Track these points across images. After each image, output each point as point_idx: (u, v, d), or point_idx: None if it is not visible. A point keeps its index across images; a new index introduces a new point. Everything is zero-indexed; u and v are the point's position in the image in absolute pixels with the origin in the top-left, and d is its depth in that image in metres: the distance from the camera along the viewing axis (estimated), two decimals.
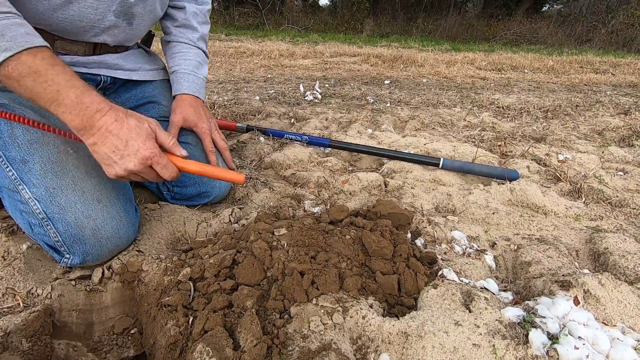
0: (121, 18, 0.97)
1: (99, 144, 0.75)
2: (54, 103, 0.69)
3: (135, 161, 0.76)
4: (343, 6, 11.34)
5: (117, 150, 0.75)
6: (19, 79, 0.66)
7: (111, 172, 0.79)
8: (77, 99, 0.70)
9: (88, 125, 0.72)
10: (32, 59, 0.66)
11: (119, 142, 0.74)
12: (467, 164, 1.50)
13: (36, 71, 0.66)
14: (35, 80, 0.66)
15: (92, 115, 0.72)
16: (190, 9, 1.18)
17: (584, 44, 9.31)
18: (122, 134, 0.75)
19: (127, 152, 0.75)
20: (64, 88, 0.69)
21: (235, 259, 0.84)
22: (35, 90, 0.67)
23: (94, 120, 0.72)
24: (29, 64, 0.65)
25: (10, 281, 0.82)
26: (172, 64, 1.18)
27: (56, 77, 0.68)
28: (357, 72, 4.35)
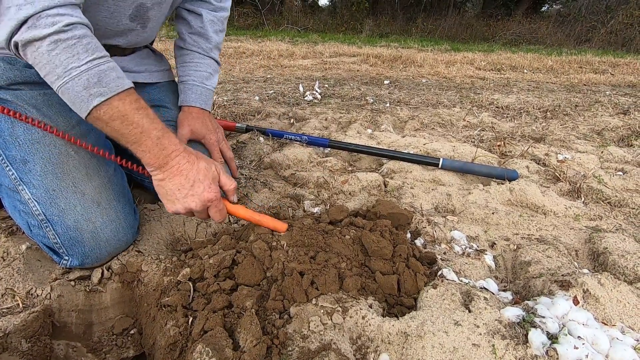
0: (136, 22, 0.97)
1: (167, 180, 0.79)
2: (136, 143, 0.75)
3: (198, 202, 0.80)
4: (342, 6, 11.35)
5: (183, 189, 0.79)
6: (108, 122, 0.72)
7: (171, 208, 0.82)
8: (157, 141, 0.76)
9: (163, 162, 0.78)
10: (122, 103, 0.72)
11: (186, 182, 0.79)
12: (466, 164, 1.50)
13: (124, 115, 0.72)
14: (122, 123, 0.72)
15: (168, 154, 0.78)
16: (207, 17, 1.15)
17: (583, 44, 9.31)
18: (191, 175, 0.79)
19: (192, 193, 0.80)
20: (147, 130, 0.75)
21: (235, 260, 0.84)
22: (122, 132, 0.73)
23: (168, 160, 0.78)
24: (120, 108, 0.72)
25: (10, 282, 0.82)
26: (182, 73, 1.17)
27: (141, 120, 0.74)
28: (357, 72, 4.35)
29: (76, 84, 0.69)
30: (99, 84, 0.70)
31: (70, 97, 0.71)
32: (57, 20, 0.66)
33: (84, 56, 0.69)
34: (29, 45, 0.67)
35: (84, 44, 0.69)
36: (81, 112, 0.72)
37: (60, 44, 0.67)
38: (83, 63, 0.69)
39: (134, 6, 0.93)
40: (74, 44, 0.68)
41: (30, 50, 0.67)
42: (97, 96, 0.70)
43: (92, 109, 0.71)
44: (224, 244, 0.90)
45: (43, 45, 0.66)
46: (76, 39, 0.68)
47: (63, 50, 0.67)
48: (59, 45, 0.67)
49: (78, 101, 0.71)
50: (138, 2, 0.93)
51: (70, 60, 0.68)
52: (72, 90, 0.70)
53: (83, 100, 0.70)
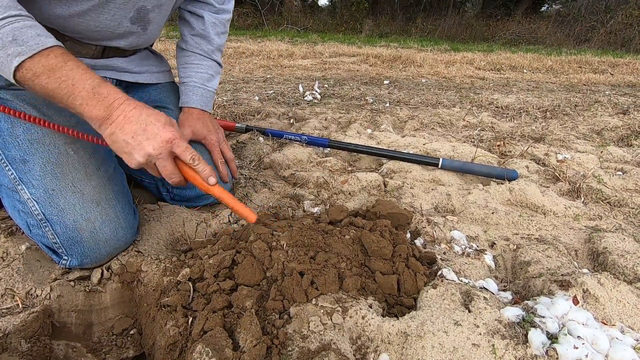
0: (136, 24, 0.97)
1: (117, 132, 0.73)
2: (71, 97, 0.69)
3: (155, 144, 0.74)
4: (342, 6, 11.35)
5: (136, 135, 0.73)
6: (33, 79, 0.67)
7: (132, 161, 0.76)
8: (93, 90, 0.70)
9: (106, 114, 0.72)
10: (45, 58, 0.66)
11: (138, 127, 0.73)
12: (466, 163, 1.50)
13: (50, 69, 0.67)
14: (49, 77, 0.67)
15: (110, 104, 0.72)
16: (209, 19, 1.15)
17: (583, 44, 9.32)
18: (141, 119, 0.74)
19: (147, 136, 0.74)
20: (79, 81, 0.69)
21: (234, 260, 0.83)
22: (50, 87, 0.68)
23: (112, 109, 0.72)
24: (43, 62, 0.66)
25: (9, 282, 0.82)
26: (183, 74, 1.17)
27: (70, 72, 0.69)
28: (356, 72, 4.35)
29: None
30: (14, 43, 0.65)
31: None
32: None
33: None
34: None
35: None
36: (8, 76, 0.68)
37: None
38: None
39: (134, 9, 0.93)
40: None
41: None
42: (15, 56, 0.65)
43: (14, 71, 0.66)
44: (224, 244, 0.90)
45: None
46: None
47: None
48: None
49: (1, 66, 0.66)
50: (139, 5, 0.93)
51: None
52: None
53: (3, 63, 0.65)
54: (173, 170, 0.80)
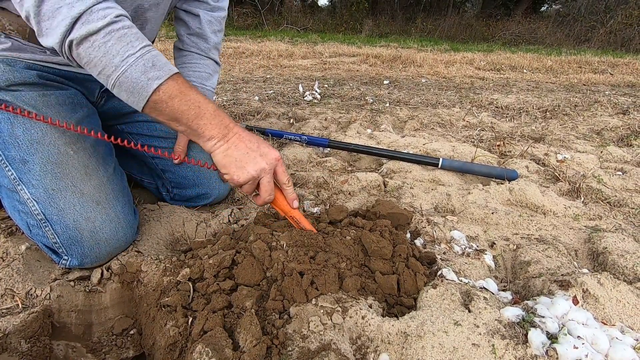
0: (135, 24, 0.97)
1: (233, 148, 0.80)
2: (197, 117, 0.77)
3: (268, 159, 0.81)
4: (342, 6, 11.35)
5: (251, 151, 0.80)
6: (168, 101, 0.73)
7: (242, 175, 0.80)
8: (215, 112, 0.78)
9: (225, 132, 0.79)
10: (177, 83, 0.74)
11: (252, 145, 0.81)
12: (466, 163, 1.50)
13: (182, 91, 0.74)
14: (181, 100, 0.74)
15: (228, 125, 0.80)
16: (205, 17, 1.15)
17: (583, 44, 9.32)
18: (253, 139, 0.82)
19: (260, 153, 0.81)
20: (204, 104, 0.77)
21: (234, 260, 0.83)
22: (182, 109, 0.75)
23: (229, 130, 0.80)
24: (176, 86, 0.74)
25: (9, 282, 0.82)
26: (181, 74, 1.17)
27: (196, 96, 0.76)
28: (356, 72, 4.35)
29: (135, 70, 0.70)
30: (154, 68, 0.72)
31: (129, 86, 0.72)
32: (108, 12, 0.68)
33: (137, 43, 0.71)
34: (85, 41, 0.68)
35: (133, 32, 0.72)
36: (140, 99, 0.73)
37: (114, 34, 0.69)
38: (137, 49, 0.71)
39: (132, 8, 0.93)
40: (125, 33, 0.70)
41: (86, 46, 0.68)
42: (155, 79, 0.72)
43: (152, 92, 0.72)
44: (224, 244, 0.90)
45: (99, 37, 0.68)
46: (127, 28, 0.71)
47: (118, 40, 0.69)
48: (113, 36, 0.68)
49: (137, 88, 0.72)
50: (136, 4, 0.93)
51: (126, 49, 0.70)
52: (132, 77, 0.71)
53: (143, 85, 0.71)
54: (273, 188, 0.85)
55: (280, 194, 0.87)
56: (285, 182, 0.86)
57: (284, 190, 0.87)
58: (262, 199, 0.85)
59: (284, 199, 0.88)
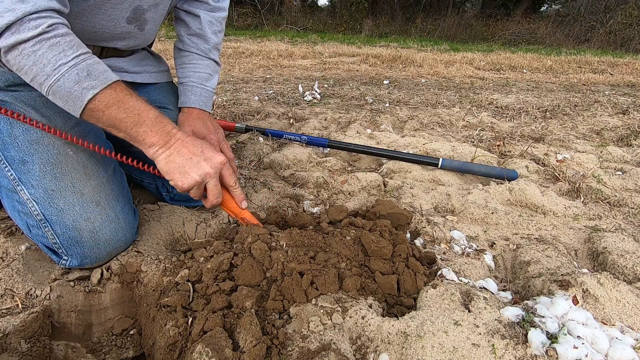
0: (133, 24, 0.97)
1: (175, 153, 0.80)
2: (136, 125, 0.77)
3: (212, 164, 0.82)
4: (342, 6, 11.34)
5: (194, 156, 0.81)
6: (105, 110, 0.73)
7: (186, 181, 0.81)
8: (156, 119, 0.79)
9: (167, 138, 0.80)
10: (114, 92, 0.74)
11: (196, 150, 0.82)
12: (466, 163, 1.50)
13: (119, 100, 0.74)
14: (119, 108, 0.74)
15: (170, 131, 0.80)
16: (205, 18, 1.14)
17: (582, 44, 9.32)
18: (197, 143, 0.83)
19: (204, 157, 0.82)
20: (144, 111, 0.77)
21: (232, 263, 0.83)
22: (119, 117, 0.75)
23: (171, 136, 0.80)
24: (113, 95, 0.74)
25: (9, 282, 0.82)
26: (181, 74, 1.17)
27: (135, 103, 0.76)
28: (356, 72, 4.35)
29: (67, 79, 0.70)
30: (89, 77, 0.71)
31: (63, 95, 0.71)
32: (40, 22, 0.67)
33: (70, 52, 0.70)
34: (13, 50, 0.67)
35: (67, 41, 0.70)
36: (75, 108, 0.72)
37: (44, 43, 0.67)
38: (70, 59, 0.70)
39: (130, 9, 0.93)
40: (57, 42, 0.69)
41: (14, 54, 0.67)
42: (90, 89, 0.71)
43: (87, 102, 0.71)
44: (217, 250, 0.89)
45: (27, 46, 0.67)
46: (60, 36, 0.69)
47: (49, 49, 0.68)
48: (43, 45, 0.67)
49: (72, 98, 0.71)
50: (135, 5, 0.93)
51: (58, 57, 0.69)
52: (64, 87, 0.70)
53: (77, 95, 0.71)
54: (220, 191, 0.86)
55: (230, 196, 0.89)
56: (232, 185, 0.88)
57: (232, 192, 0.89)
58: (210, 202, 0.86)
59: (233, 201, 0.89)
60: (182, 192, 0.84)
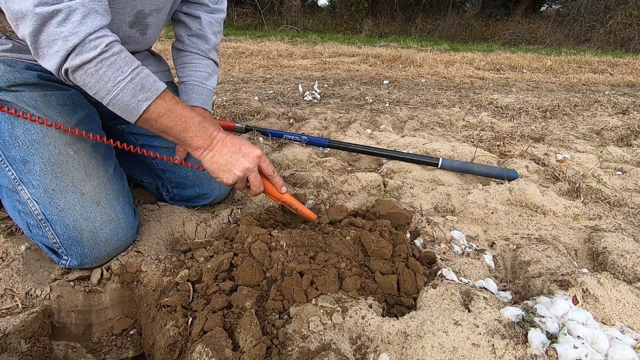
0: (135, 28, 0.98)
1: (217, 154, 0.88)
2: (184, 131, 0.84)
3: (250, 159, 0.89)
4: (342, 6, 11.34)
5: (234, 155, 0.88)
6: (157, 119, 0.81)
7: (230, 176, 0.89)
8: (200, 124, 0.86)
9: (209, 141, 0.88)
10: (164, 102, 0.81)
11: (235, 148, 0.89)
12: (466, 163, 1.50)
13: (169, 109, 0.82)
14: (169, 117, 0.82)
15: (211, 134, 0.88)
16: (205, 19, 1.16)
17: (582, 43, 9.32)
18: (235, 142, 0.90)
19: (243, 154, 0.89)
20: (189, 118, 0.85)
21: (232, 263, 0.83)
22: (169, 125, 0.83)
23: (213, 137, 0.88)
24: (163, 105, 0.81)
25: (9, 282, 0.82)
26: (182, 74, 1.18)
27: (182, 111, 0.84)
28: (356, 72, 4.35)
29: (125, 94, 0.77)
30: (142, 90, 0.79)
31: (121, 107, 0.79)
32: (99, 42, 0.74)
33: (126, 68, 0.77)
34: (79, 70, 0.74)
35: (122, 57, 0.77)
36: (132, 117, 0.80)
37: (104, 62, 0.75)
38: (127, 74, 0.77)
39: (133, 13, 0.93)
40: (115, 60, 0.76)
41: (80, 74, 0.75)
42: (144, 101, 0.79)
43: (142, 112, 0.79)
44: (217, 250, 0.89)
45: (91, 66, 0.74)
46: (116, 54, 0.76)
47: (108, 68, 0.75)
48: (104, 64, 0.75)
49: (129, 109, 0.79)
50: (137, 9, 0.93)
51: (117, 75, 0.76)
52: (123, 101, 0.78)
53: (133, 107, 0.79)
54: (260, 181, 0.93)
55: (270, 184, 0.97)
56: (270, 174, 0.96)
57: (272, 180, 0.97)
58: (253, 192, 0.94)
59: (273, 188, 0.98)
60: (228, 186, 0.94)
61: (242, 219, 0.98)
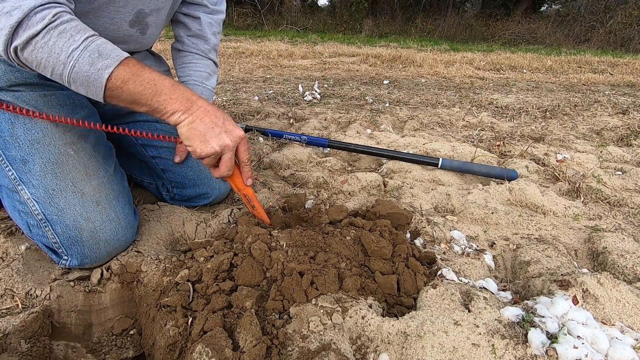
0: (135, 28, 0.98)
1: (198, 121, 0.80)
2: (155, 95, 0.77)
3: (232, 137, 0.83)
4: (342, 6, 11.34)
5: (216, 126, 0.81)
6: (122, 85, 0.74)
7: (205, 149, 0.81)
8: (172, 87, 0.79)
9: (188, 105, 0.80)
10: (128, 67, 0.75)
11: (218, 120, 0.81)
12: (466, 163, 1.50)
13: (135, 73, 0.75)
14: (135, 82, 0.75)
15: (189, 98, 0.80)
16: (205, 20, 1.17)
17: (582, 43, 9.32)
18: (219, 114, 0.82)
19: (225, 129, 0.82)
20: (159, 81, 0.77)
21: (232, 263, 0.83)
22: (137, 90, 0.76)
23: (192, 102, 0.80)
24: (127, 70, 0.74)
25: (9, 282, 0.82)
26: (182, 74, 1.18)
27: (150, 75, 0.77)
28: (356, 72, 4.35)
29: (82, 64, 0.71)
30: (101, 57, 0.72)
31: (83, 80, 0.72)
32: (45, 14, 0.68)
33: (78, 37, 0.71)
34: (27, 46, 0.69)
35: (73, 26, 0.71)
36: (97, 90, 0.74)
37: (53, 32, 0.69)
38: (80, 42, 0.71)
39: (133, 12, 0.93)
40: (64, 29, 0.70)
41: (29, 50, 0.69)
42: (104, 68, 0.72)
43: (105, 82, 0.73)
44: (217, 250, 0.89)
45: (39, 39, 0.68)
46: (65, 23, 0.70)
47: (58, 37, 0.69)
48: (52, 34, 0.69)
49: (91, 81, 0.72)
50: (137, 8, 0.94)
51: (69, 44, 0.70)
52: (81, 71, 0.71)
53: (95, 77, 0.72)
54: (232, 164, 0.86)
55: (238, 171, 0.91)
56: (244, 161, 0.89)
57: (242, 168, 0.90)
58: (220, 173, 0.87)
59: (240, 177, 0.91)
60: (197, 158, 0.84)
61: (240, 219, 0.98)
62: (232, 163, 0.86)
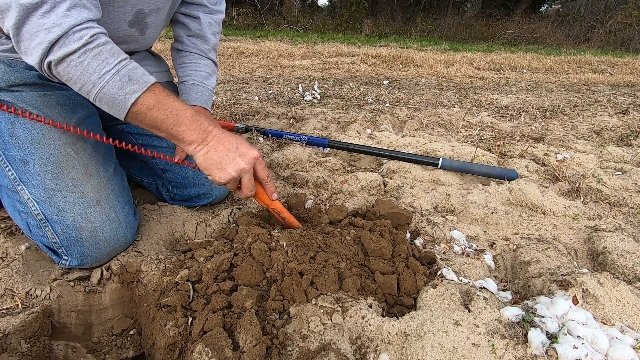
0: (135, 28, 0.98)
1: (212, 151, 0.83)
2: (176, 124, 0.80)
3: (247, 160, 0.85)
4: (342, 6, 11.34)
5: (230, 152, 0.83)
6: (147, 112, 0.77)
7: (224, 175, 0.84)
8: (192, 118, 0.82)
9: (203, 136, 0.83)
10: (154, 94, 0.78)
11: (231, 146, 0.84)
12: (466, 163, 1.50)
13: (159, 101, 0.78)
14: (159, 110, 0.78)
15: (206, 128, 0.83)
16: (205, 20, 1.17)
17: (582, 43, 9.32)
18: (232, 140, 0.85)
19: (239, 153, 0.84)
20: (182, 111, 0.81)
21: (232, 263, 0.83)
22: (160, 118, 0.79)
23: (208, 132, 0.83)
24: (153, 97, 0.77)
25: (9, 282, 0.82)
26: (182, 73, 1.18)
27: (173, 104, 0.80)
28: (356, 72, 4.35)
29: (112, 86, 0.74)
30: (130, 82, 0.75)
31: (109, 100, 0.75)
32: (83, 34, 0.71)
33: (112, 60, 0.74)
34: (62, 62, 0.72)
35: (108, 49, 0.74)
36: (120, 111, 0.77)
37: (89, 53, 0.72)
38: (113, 66, 0.74)
39: (133, 12, 0.94)
40: (100, 51, 0.73)
41: (63, 67, 0.72)
42: (132, 93, 0.75)
43: (130, 106, 0.76)
44: (217, 250, 0.89)
45: (74, 57, 0.71)
46: (102, 45, 0.74)
47: (93, 59, 0.73)
48: (88, 55, 0.72)
49: (117, 102, 0.75)
50: (137, 8, 0.94)
51: (102, 66, 0.73)
52: (109, 93, 0.74)
53: (121, 100, 0.75)
54: (254, 184, 0.89)
55: (262, 188, 0.93)
56: (264, 178, 0.91)
57: (264, 185, 0.93)
58: (244, 194, 0.90)
59: (264, 193, 0.93)
60: (219, 185, 0.87)
61: (240, 219, 0.98)
62: (253, 183, 0.88)
